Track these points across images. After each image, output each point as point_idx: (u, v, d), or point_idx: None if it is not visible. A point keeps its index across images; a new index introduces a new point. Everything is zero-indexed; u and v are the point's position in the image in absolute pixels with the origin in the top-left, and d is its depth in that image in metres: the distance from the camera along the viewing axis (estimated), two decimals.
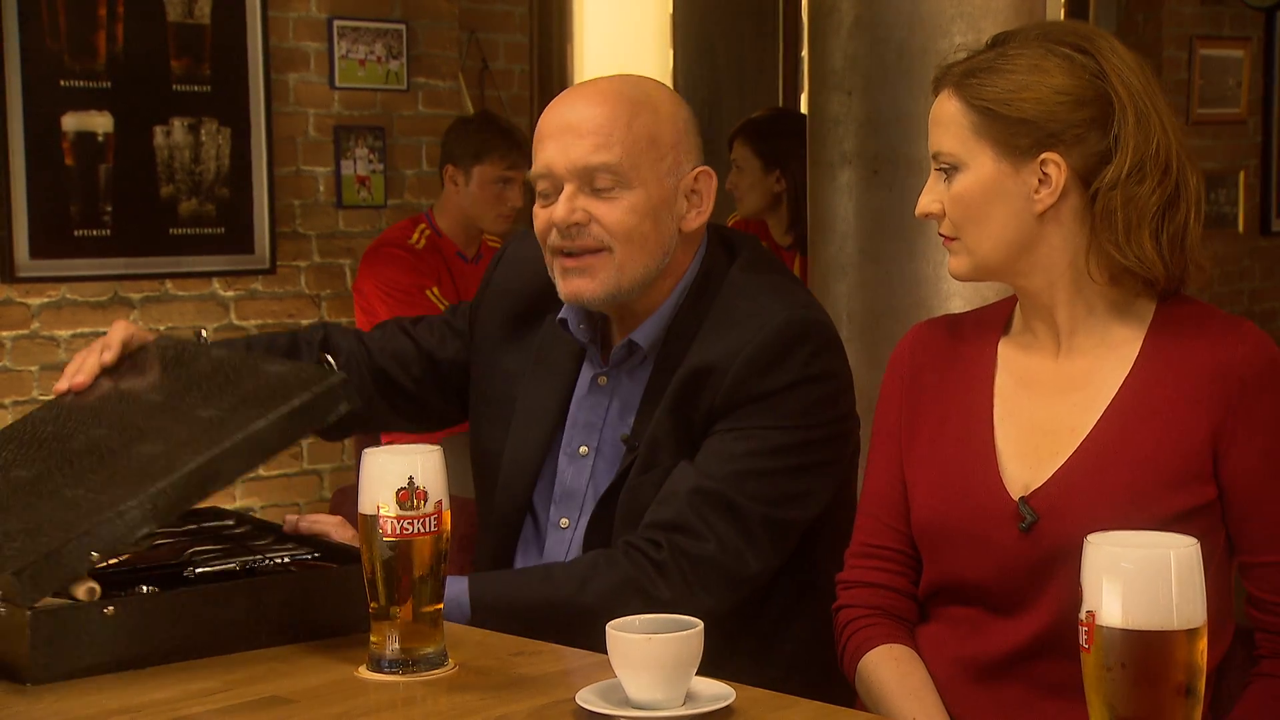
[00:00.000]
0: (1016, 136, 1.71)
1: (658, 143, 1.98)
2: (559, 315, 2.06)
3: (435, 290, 4.03)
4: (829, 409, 1.97)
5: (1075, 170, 1.71)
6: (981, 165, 1.73)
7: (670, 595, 1.86)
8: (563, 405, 2.07)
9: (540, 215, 2.00)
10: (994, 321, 1.85)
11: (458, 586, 1.86)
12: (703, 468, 1.93)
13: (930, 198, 1.78)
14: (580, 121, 1.96)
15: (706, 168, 2.03)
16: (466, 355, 2.19)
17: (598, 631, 1.51)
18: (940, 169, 1.77)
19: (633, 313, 2.02)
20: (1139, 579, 1.22)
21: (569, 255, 1.98)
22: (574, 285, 1.98)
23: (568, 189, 1.97)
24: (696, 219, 2.03)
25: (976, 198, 1.73)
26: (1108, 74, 1.71)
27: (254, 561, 1.79)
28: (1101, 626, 1.22)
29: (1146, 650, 1.22)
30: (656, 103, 2.00)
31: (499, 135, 4.18)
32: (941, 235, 1.80)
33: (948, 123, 1.75)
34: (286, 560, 1.81)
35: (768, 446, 1.93)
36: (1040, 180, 1.71)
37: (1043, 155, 1.71)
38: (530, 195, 2.14)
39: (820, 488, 1.98)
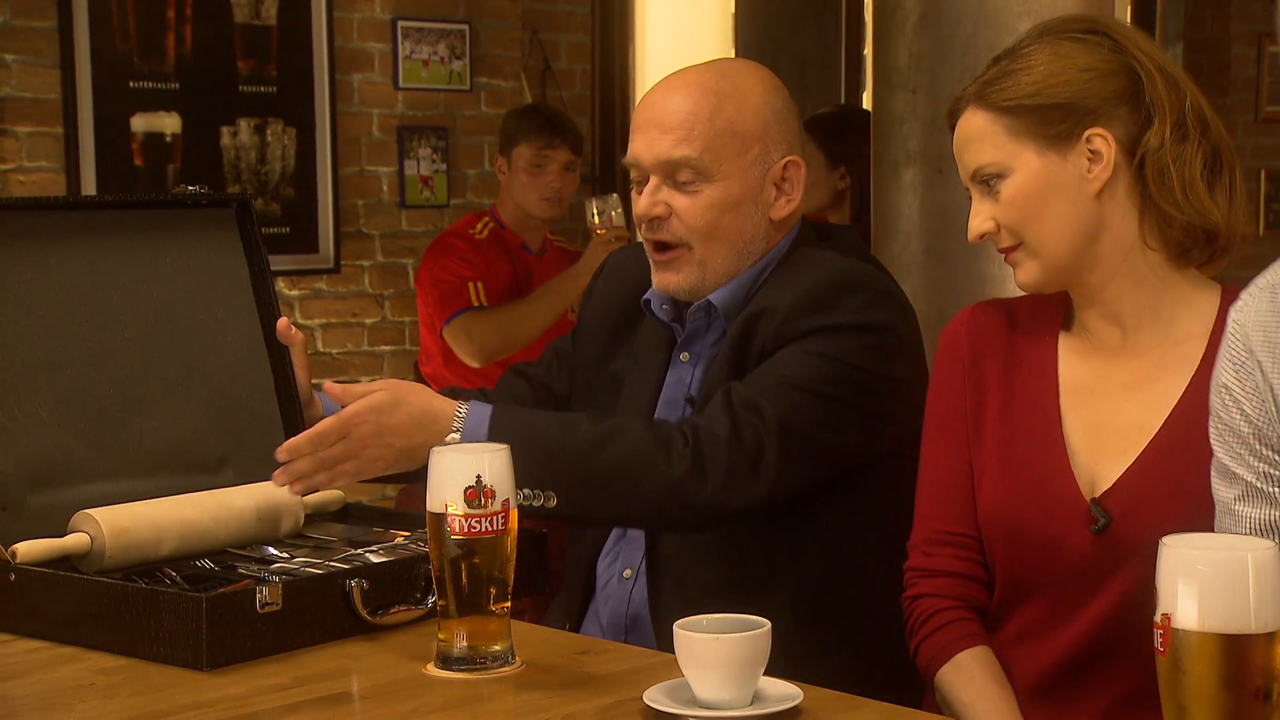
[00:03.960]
0: (1054, 124, 1.69)
1: (741, 135, 2.00)
2: (644, 297, 2.10)
3: (479, 285, 4.04)
4: (880, 361, 1.94)
5: (1120, 142, 1.70)
6: (1027, 164, 1.71)
7: (681, 472, 1.84)
8: (656, 390, 2.10)
9: (635, 203, 2.06)
10: (1051, 312, 1.82)
11: (479, 414, 1.86)
12: (743, 381, 1.93)
13: (981, 218, 1.75)
14: (665, 116, 2.00)
15: (795, 157, 2.04)
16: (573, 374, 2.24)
17: (605, 493, 1.59)
18: (983, 184, 1.74)
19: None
20: (1216, 582, 1.20)
21: (658, 249, 2.04)
22: (663, 278, 2.05)
23: (652, 181, 2.02)
24: (786, 207, 2.05)
25: (1030, 196, 1.71)
26: (1125, 46, 1.71)
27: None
28: (1177, 629, 1.21)
29: (1223, 654, 1.20)
30: (745, 93, 2.01)
31: (531, 118, 4.23)
32: (1002, 251, 1.76)
33: (980, 137, 1.73)
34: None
35: (807, 371, 1.91)
36: (1090, 159, 1.70)
37: (1086, 133, 1.69)
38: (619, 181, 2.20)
39: (858, 437, 1.94)
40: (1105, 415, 1.74)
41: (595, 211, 4.02)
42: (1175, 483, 1.67)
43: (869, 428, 1.96)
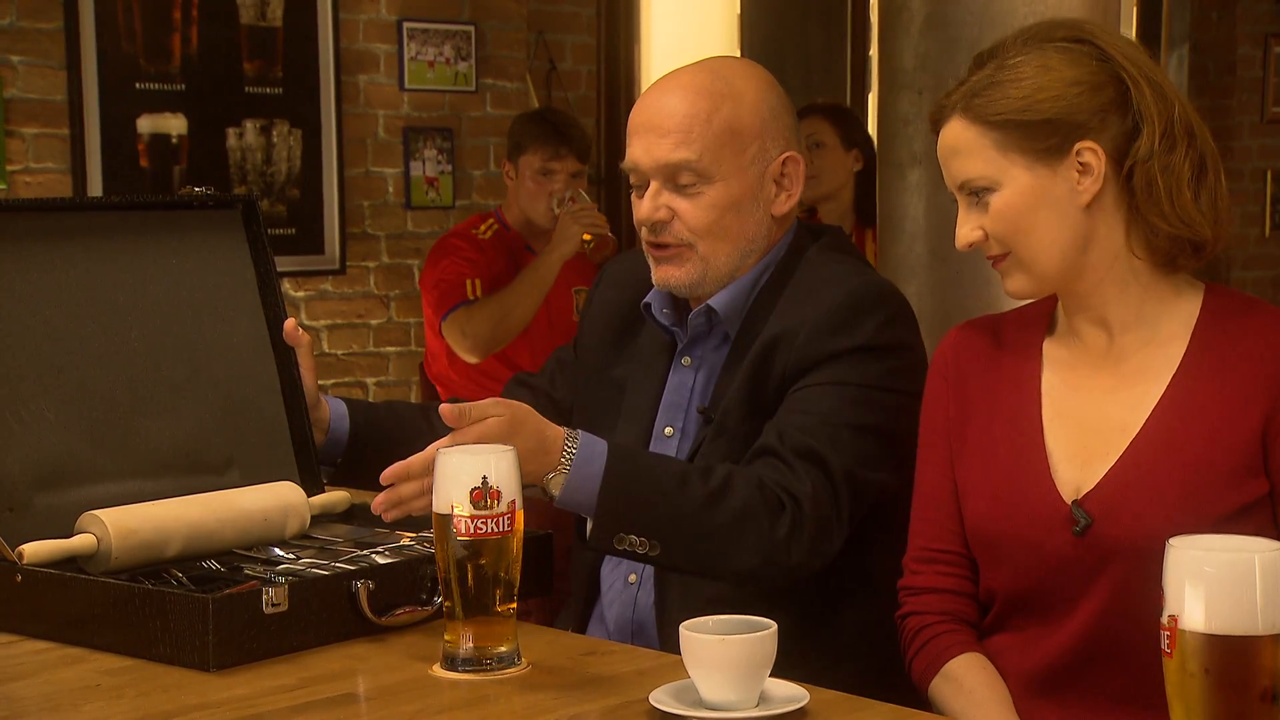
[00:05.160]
0: (1044, 138, 1.69)
1: (740, 134, 2.00)
2: (644, 300, 2.09)
3: (476, 281, 4.05)
4: (903, 381, 1.95)
5: (1109, 153, 1.70)
6: (1017, 179, 1.71)
7: (782, 535, 1.85)
8: (657, 395, 2.09)
9: (635, 207, 2.05)
10: (1036, 320, 1.83)
11: (592, 450, 1.83)
12: (792, 422, 1.93)
13: (969, 227, 1.75)
14: (663, 119, 2.00)
15: (793, 153, 2.05)
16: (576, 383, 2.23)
17: (708, 552, 1.65)
18: (972, 195, 1.74)
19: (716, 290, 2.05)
20: (1223, 583, 1.20)
21: (658, 247, 2.03)
22: (664, 273, 2.04)
23: (653, 185, 2.02)
24: (786, 203, 2.05)
25: (1020, 209, 1.71)
26: (1111, 55, 1.71)
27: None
28: (1184, 631, 1.21)
29: (1230, 656, 1.20)
30: (740, 92, 2.01)
31: (539, 125, 4.21)
32: (990, 258, 1.77)
33: (968, 149, 1.73)
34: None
35: (848, 403, 1.92)
36: (1080, 171, 1.70)
37: (1076, 146, 1.69)
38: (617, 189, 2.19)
39: (896, 460, 1.95)
40: (1089, 419, 1.74)
41: (558, 202, 4.05)
42: (1156, 483, 1.67)
43: (901, 450, 1.96)
